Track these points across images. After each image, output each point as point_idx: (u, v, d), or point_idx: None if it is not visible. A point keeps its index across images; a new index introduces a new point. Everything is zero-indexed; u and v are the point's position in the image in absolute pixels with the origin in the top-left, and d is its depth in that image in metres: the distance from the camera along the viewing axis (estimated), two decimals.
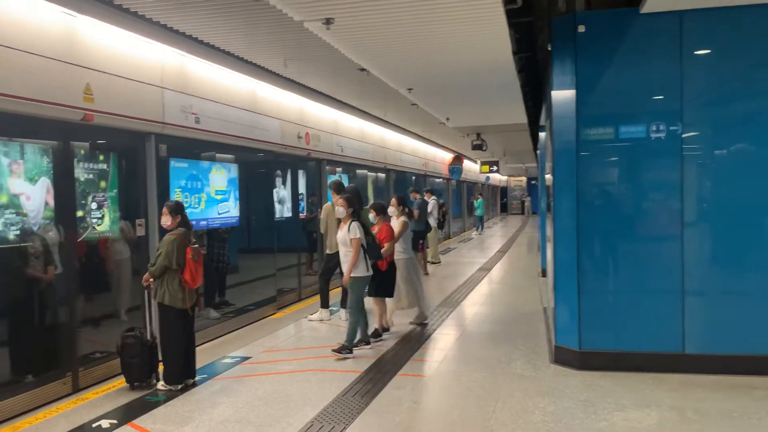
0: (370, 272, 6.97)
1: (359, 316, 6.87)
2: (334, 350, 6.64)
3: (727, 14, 5.63)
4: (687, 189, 5.82)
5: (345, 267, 6.93)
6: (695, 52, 5.82)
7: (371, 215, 7.73)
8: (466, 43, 6.65)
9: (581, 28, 5.93)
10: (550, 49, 6.30)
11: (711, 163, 5.85)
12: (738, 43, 5.74)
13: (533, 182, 45.06)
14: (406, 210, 8.49)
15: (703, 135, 5.84)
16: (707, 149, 5.85)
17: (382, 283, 7.39)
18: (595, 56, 5.98)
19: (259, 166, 10.13)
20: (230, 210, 8.64)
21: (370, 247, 7.08)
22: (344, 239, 6.90)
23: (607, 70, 6.00)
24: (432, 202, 14.13)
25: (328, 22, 5.42)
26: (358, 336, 6.90)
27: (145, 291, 5.93)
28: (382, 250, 7.26)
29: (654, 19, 5.75)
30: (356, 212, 8.30)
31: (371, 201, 14.90)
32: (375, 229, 7.51)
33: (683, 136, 5.81)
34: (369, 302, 7.44)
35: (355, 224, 6.86)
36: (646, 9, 5.59)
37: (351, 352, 6.66)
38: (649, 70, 5.92)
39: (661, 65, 5.87)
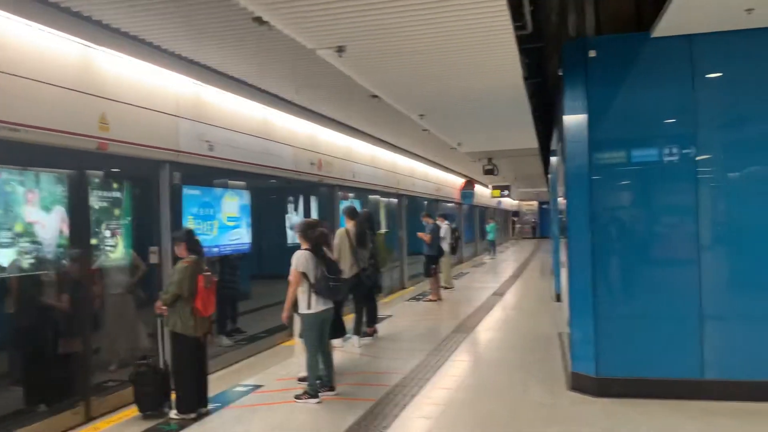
0: (320, 309, 6.09)
1: (311, 357, 6.12)
2: (296, 396, 6.06)
3: (737, 37, 5.61)
4: (702, 212, 5.76)
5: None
6: (707, 75, 5.80)
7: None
8: (478, 69, 6.67)
9: (592, 53, 5.94)
10: (561, 74, 6.31)
11: (726, 186, 5.79)
12: (750, 66, 5.71)
13: (544, 206, 44.92)
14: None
15: (717, 158, 5.80)
16: (722, 172, 5.80)
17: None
18: (607, 80, 5.98)
19: (271, 192, 10.19)
20: (242, 237, 8.66)
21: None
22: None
23: (618, 94, 5.99)
24: (445, 226, 14.09)
25: (340, 50, 5.46)
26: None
27: (158, 319, 5.92)
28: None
29: (665, 42, 5.75)
30: (362, 237, 8.28)
31: (383, 226, 14.93)
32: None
33: (697, 159, 5.77)
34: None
35: (299, 254, 6.10)
36: (657, 33, 5.60)
37: (313, 397, 5.99)
38: (661, 94, 5.90)
39: (673, 88, 5.86)
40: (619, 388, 5.79)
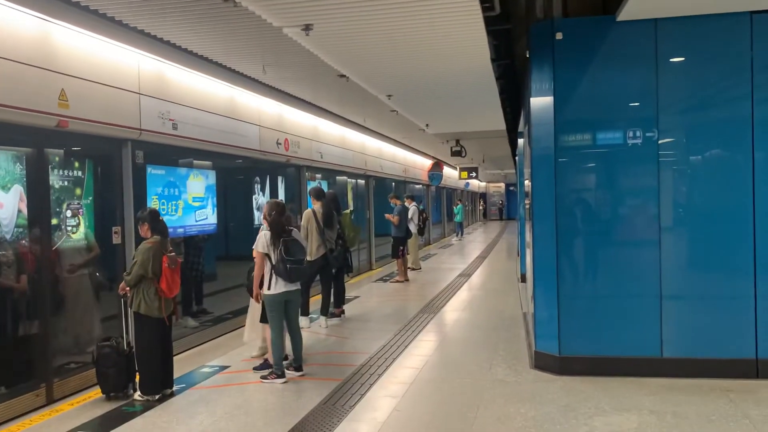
0: (280, 290, 6.06)
1: (275, 337, 6.08)
2: (262, 377, 6.09)
3: (700, 22, 5.69)
4: (663, 194, 5.88)
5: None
6: (670, 60, 5.89)
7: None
8: (446, 50, 6.67)
9: (559, 36, 5.96)
10: (528, 56, 6.34)
11: (686, 169, 5.92)
12: (711, 51, 5.81)
13: (511, 188, 45.36)
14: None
15: (678, 141, 5.92)
16: (682, 155, 5.93)
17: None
18: (573, 63, 6.02)
19: (237, 172, 10.07)
20: (208, 217, 8.56)
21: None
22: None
23: (584, 77, 6.04)
24: (412, 208, 14.13)
25: (307, 28, 5.40)
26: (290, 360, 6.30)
27: (122, 300, 5.84)
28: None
29: (630, 26, 5.81)
30: (329, 218, 8.30)
31: (351, 207, 14.91)
32: None
33: (659, 142, 5.88)
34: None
35: (261, 235, 6.13)
36: (622, 17, 5.66)
37: (280, 377, 6.01)
38: (625, 77, 5.98)
39: (637, 72, 5.93)
40: (581, 366, 5.92)
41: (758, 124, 5.70)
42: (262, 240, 6.08)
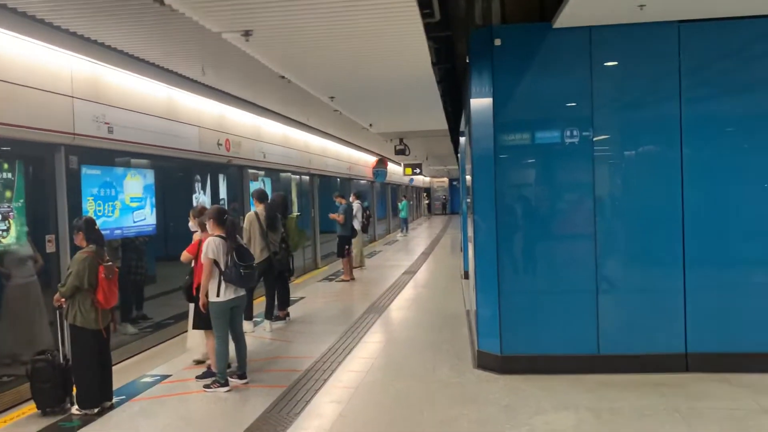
0: (230, 296, 5.99)
1: (220, 344, 5.99)
2: (204, 386, 5.99)
3: (631, 30, 5.91)
4: (598, 189, 6.07)
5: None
6: (604, 64, 6.09)
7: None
8: (386, 55, 6.70)
9: (497, 42, 6.08)
10: (468, 61, 6.43)
11: (619, 165, 6.14)
12: (641, 56, 6.05)
13: (455, 183, 45.95)
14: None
15: (611, 139, 6.13)
16: (615, 152, 6.15)
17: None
18: (512, 67, 6.15)
19: (177, 171, 9.86)
20: (146, 218, 8.36)
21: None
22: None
23: (523, 80, 6.18)
24: (356, 205, 14.15)
25: (246, 34, 5.33)
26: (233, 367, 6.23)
27: (57, 311, 5.64)
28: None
29: (566, 33, 5.97)
30: (273, 221, 8.26)
31: (296, 206, 14.81)
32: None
33: (594, 139, 6.07)
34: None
35: (210, 240, 5.97)
36: (558, 24, 5.81)
37: (223, 385, 5.94)
38: (562, 80, 6.16)
39: (573, 75, 6.12)
40: (522, 365, 6.05)
41: (686, 122, 5.96)
42: (212, 246, 5.94)
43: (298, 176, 15.74)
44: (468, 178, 7.86)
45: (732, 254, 5.98)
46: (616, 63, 6.14)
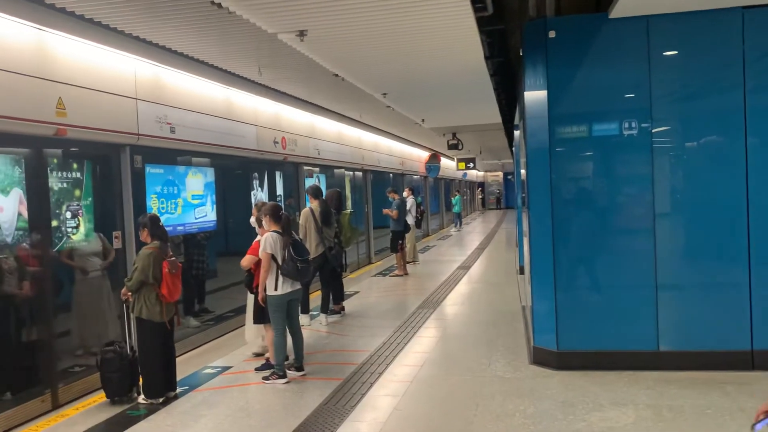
0: (287, 290, 6.14)
1: (278, 338, 6.13)
2: (264, 377, 6.16)
3: (690, 18, 5.76)
4: (657, 182, 5.94)
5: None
6: (662, 53, 5.94)
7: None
8: (439, 50, 6.71)
9: (552, 34, 6.01)
10: (521, 53, 6.38)
11: (679, 157, 6.00)
12: (701, 45, 5.88)
13: (509, 177, 45.43)
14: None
15: (671, 130, 5.99)
16: (675, 143, 6.02)
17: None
18: (566, 59, 6.07)
19: (235, 169, 10.11)
20: (207, 214, 8.61)
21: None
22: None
23: (578, 72, 6.10)
24: (410, 200, 14.19)
25: (301, 34, 5.44)
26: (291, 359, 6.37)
27: (124, 305, 5.90)
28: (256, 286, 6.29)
29: (622, 23, 5.86)
30: (327, 216, 8.40)
31: (349, 201, 14.97)
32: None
33: (653, 131, 5.94)
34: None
35: (267, 236, 6.15)
36: (614, 14, 5.71)
37: (281, 377, 6.09)
38: (619, 71, 6.05)
39: (630, 66, 5.99)
40: (579, 361, 5.99)
41: (750, 112, 5.77)
42: (270, 241, 6.11)
43: (351, 172, 15.89)
44: (523, 171, 7.80)
45: None
46: (675, 52, 5.98)
